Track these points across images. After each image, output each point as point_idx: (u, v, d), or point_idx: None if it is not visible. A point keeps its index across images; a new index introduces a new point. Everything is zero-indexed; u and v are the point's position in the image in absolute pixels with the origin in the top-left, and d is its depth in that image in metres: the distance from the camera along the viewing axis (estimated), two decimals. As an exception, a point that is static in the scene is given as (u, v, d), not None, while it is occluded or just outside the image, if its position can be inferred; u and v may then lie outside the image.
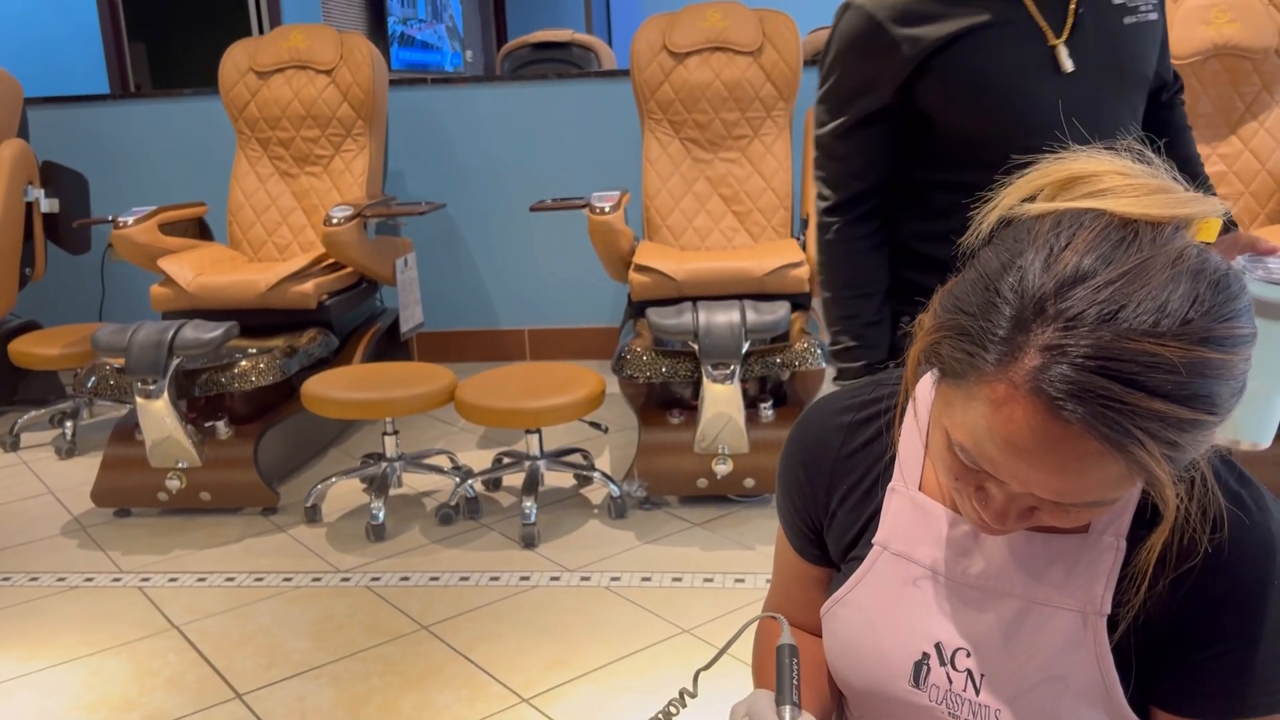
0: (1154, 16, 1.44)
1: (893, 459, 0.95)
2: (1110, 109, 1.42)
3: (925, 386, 0.93)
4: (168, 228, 3.73)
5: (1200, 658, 0.81)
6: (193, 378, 3.18)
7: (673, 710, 1.09)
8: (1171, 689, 0.83)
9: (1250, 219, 3.45)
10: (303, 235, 3.94)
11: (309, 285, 3.51)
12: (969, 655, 0.88)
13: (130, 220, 3.58)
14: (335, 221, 3.47)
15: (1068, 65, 1.37)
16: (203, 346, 3.05)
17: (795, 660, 0.92)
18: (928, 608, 0.91)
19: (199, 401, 3.31)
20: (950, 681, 0.89)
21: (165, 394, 3.00)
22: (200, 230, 4.04)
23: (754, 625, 0.98)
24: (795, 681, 0.90)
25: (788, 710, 0.89)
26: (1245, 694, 0.81)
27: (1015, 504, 0.77)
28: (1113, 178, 0.73)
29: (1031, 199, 0.76)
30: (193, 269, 3.57)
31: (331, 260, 3.69)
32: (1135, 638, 0.84)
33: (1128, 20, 1.41)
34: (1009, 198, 0.76)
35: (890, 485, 0.94)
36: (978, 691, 0.88)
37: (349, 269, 3.72)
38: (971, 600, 0.89)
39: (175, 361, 3.03)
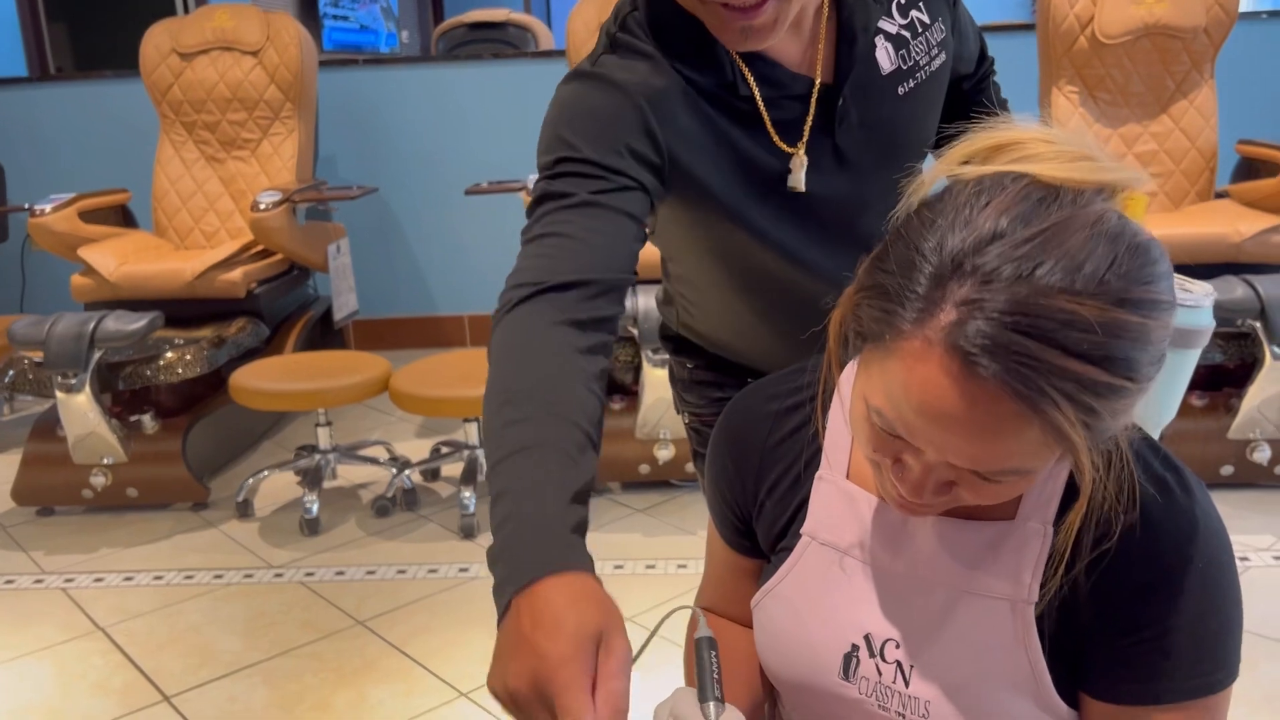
0: (939, 63, 1.14)
1: (820, 448, 0.93)
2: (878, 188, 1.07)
3: (850, 373, 0.90)
4: (88, 215, 3.60)
5: (1128, 642, 0.80)
6: (116, 370, 3.07)
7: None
8: (1100, 675, 0.82)
9: (1180, 197, 3.49)
10: (230, 222, 3.83)
11: (237, 273, 3.41)
12: (898, 646, 0.86)
13: (48, 208, 3.44)
14: (263, 207, 3.38)
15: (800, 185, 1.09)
16: (125, 338, 2.94)
17: (714, 653, 0.89)
18: (856, 598, 0.89)
19: (124, 395, 3.21)
20: (880, 673, 0.87)
21: (87, 388, 2.90)
22: (123, 218, 3.90)
23: (674, 618, 0.95)
24: (716, 675, 0.88)
25: (711, 707, 0.86)
26: (1174, 677, 0.80)
27: (932, 475, 0.75)
28: (1037, 144, 0.73)
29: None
30: (115, 258, 3.45)
31: (261, 247, 3.59)
32: (1061, 624, 0.82)
33: (903, 89, 1.12)
34: (938, 168, 0.75)
35: (818, 474, 0.92)
36: (907, 683, 0.86)
37: (279, 256, 3.63)
38: (900, 590, 0.87)
39: (97, 354, 2.93)
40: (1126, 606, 0.80)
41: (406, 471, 3.08)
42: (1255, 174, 3.38)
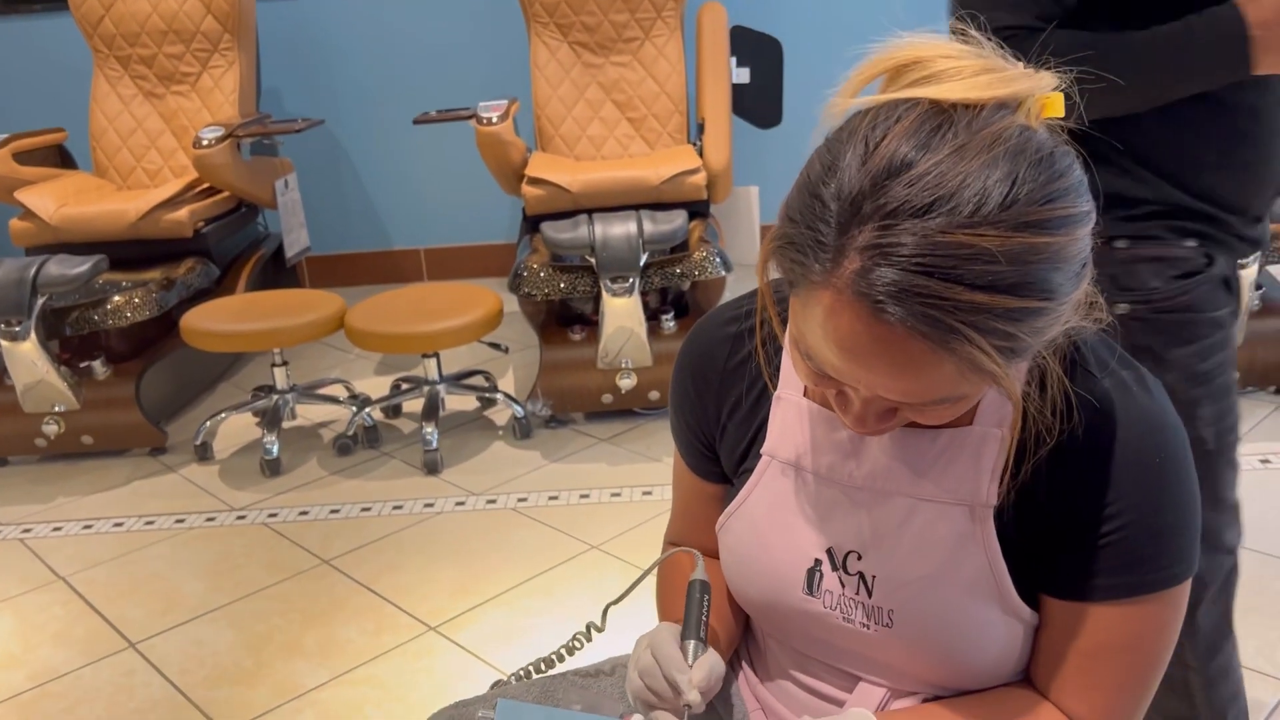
0: None
1: (778, 368, 0.92)
2: None
3: None
4: (23, 157, 3.48)
5: (1087, 539, 0.81)
6: (62, 316, 2.99)
7: (577, 644, 1.06)
8: (1060, 573, 0.83)
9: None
10: (174, 159, 3.72)
11: (183, 212, 3.32)
12: (860, 558, 0.87)
13: (-20, 150, 3.32)
14: (206, 143, 3.27)
15: None
16: (69, 283, 2.86)
17: (707, 597, 0.90)
18: (817, 514, 0.89)
19: (72, 341, 3.13)
20: (843, 586, 0.87)
21: (33, 335, 2.83)
22: (61, 158, 3.78)
23: (639, 554, 0.95)
24: (704, 618, 0.88)
25: (691, 644, 0.86)
26: (1135, 571, 0.80)
27: (871, 407, 0.76)
28: (940, 62, 0.70)
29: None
30: (55, 200, 3.34)
31: (206, 185, 3.49)
32: (1020, 526, 0.83)
33: None
34: (841, 95, 0.73)
35: (776, 393, 0.91)
36: (870, 594, 0.86)
37: (225, 194, 3.53)
38: (860, 502, 0.87)
39: (40, 300, 2.85)
40: (1085, 504, 0.80)
41: (367, 409, 3.05)
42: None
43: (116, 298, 3.03)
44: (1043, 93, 0.70)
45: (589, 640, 1.06)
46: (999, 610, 0.83)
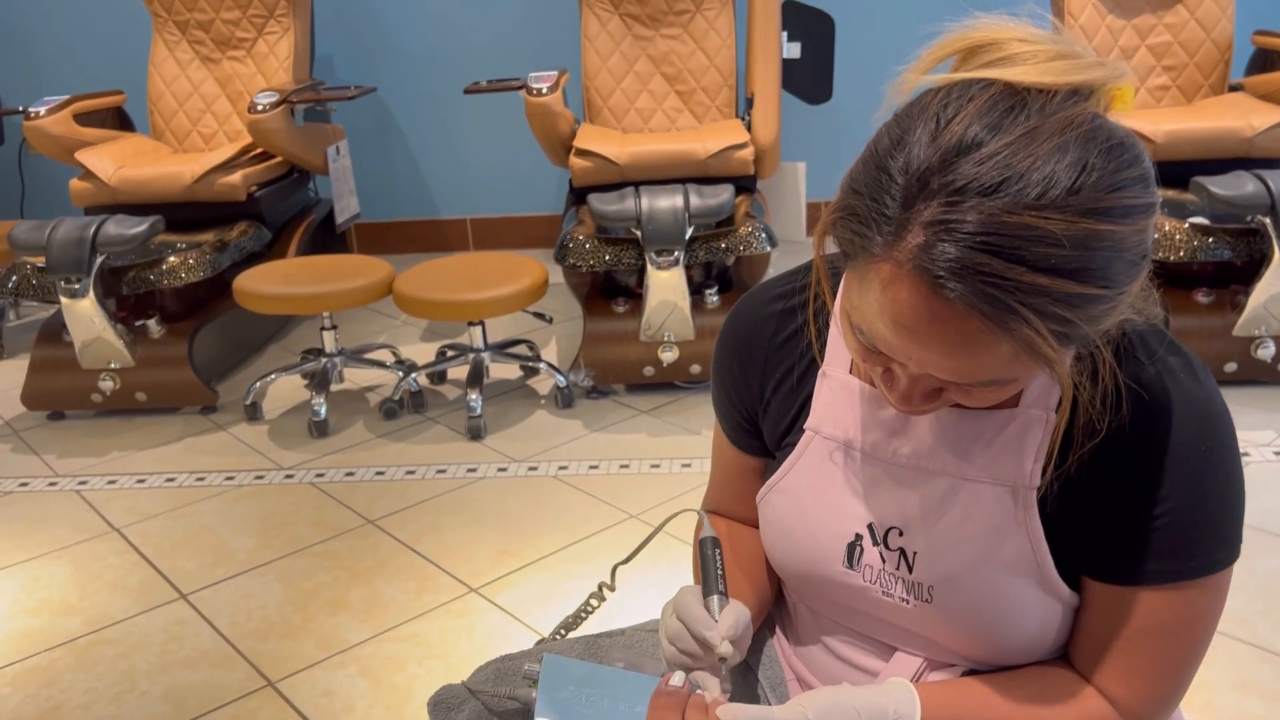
0: None
1: (824, 344, 0.93)
2: None
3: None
4: (84, 118, 3.55)
5: (1131, 524, 0.81)
6: (119, 275, 3.07)
7: (592, 605, 1.09)
8: (1102, 556, 0.83)
9: (1193, 90, 3.42)
10: (229, 124, 3.78)
11: (237, 176, 3.37)
12: (901, 534, 0.88)
13: (42, 110, 3.39)
14: (261, 108, 3.32)
15: None
16: (127, 243, 2.93)
17: (718, 551, 0.91)
18: (859, 489, 0.90)
19: (128, 300, 3.21)
20: (884, 561, 0.89)
21: (91, 293, 2.90)
22: (120, 121, 3.85)
23: (673, 521, 0.98)
24: (720, 571, 0.90)
25: (715, 600, 0.88)
26: (1177, 557, 0.81)
27: (918, 385, 0.76)
28: (1013, 44, 0.70)
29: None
30: (114, 161, 3.41)
31: (260, 150, 3.54)
32: (1063, 508, 0.83)
33: None
34: (913, 71, 0.73)
35: (821, 370, 0.93)
36: (910, 570, 0.87)
37: (278, 159, 3.58)
38: (903, 480, 0.88)
39: (99, 259, 2.92)
40: (1130, 488, 0.81)
41: (413, 374, 3.09)
42: (1271, 66, 3.30)
43: (172, 258, 3.10)
44: (1116, 82, 0.70)
45: (603, 600, 1.08)
46: (1038, 590, 0.84)
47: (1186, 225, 2.81)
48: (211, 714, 1.86)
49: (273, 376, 3.14)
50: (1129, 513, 0.81)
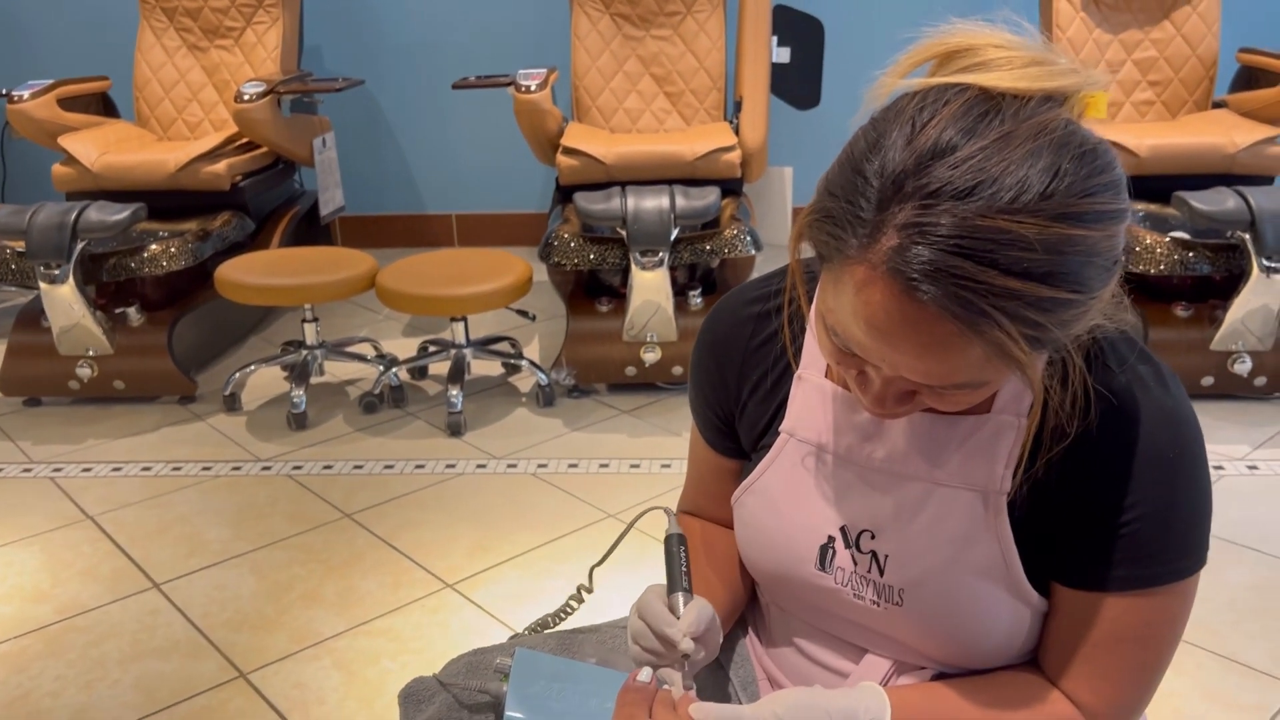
0: None
1: (800, 348, 0.93)
2: None
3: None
4: (68, 103, 3.53)
5: (1099, 530, 0.82)
6: (100, 262, 3.04)
7: (571, 606, 1.09)
8: (1071, 562, 0.84)
9: (1177, 106, 3.45)
10: (215, 113, 3.76)
11: (221, 165, 3.35)
12: (873, 538, 0.88)
13: (26, 94, 3.37)
14: (247, 98, 3.31)
15: None
16: (108, 229, 2.91)
17: (683, 549, 0.92)
18: (833, 492, 0.91)
19: (108, 287, 3.18)
20: (855, 564, 0.89)
21: (70, 279, 2.88)
22: (104, 107, 3.82)
23: (650, 520, 0.98)
24: (684, 569, 0.90)
25: (679, 597, 0.88)
26: (1145, 563, 0.82)
27: (891, 388, 0.76)
28: (989, 50, 0.71)
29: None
30: (97, 147, 3.39)
31: (245, 140, 3.53)
32: (1033, 514, 0.84)
33: None
34: (890, 75, 0.73)
35: (797, 374, 0.93)
36: (882, 573, 0.88)
37: (264, 149, 3.57)
38: (876, 484, 0.89)
39: (80, 245, 2.90)
40: (1098, 495, 0.81)
41: (394, 369, 3.08)
42: (1255, 83, 3.33)
43: (153, 246, 3.08)
44: (1089, 89, 0.71)
45: (581, 602, 1.08)
46: (1008, 594, 0.85)
47: (1167, 239, 2.84)
48: (182, 704, 1.85)
49: (252, 368, 3.13)
50: (1097, 519, 0.82)
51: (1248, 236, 2.68)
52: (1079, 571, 0.84)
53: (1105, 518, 0.81)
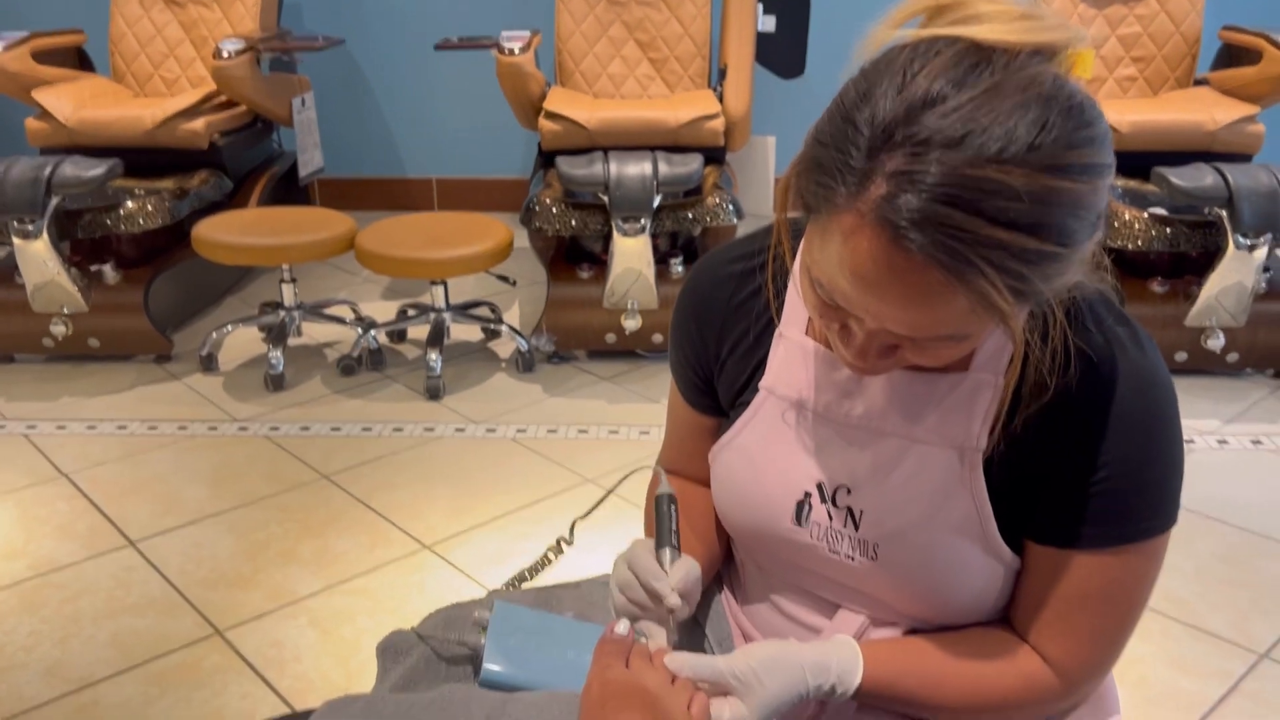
0: None
1: (782, 305, 0.94)
2: None
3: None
4: (42, 57, 3.46)
5: (1072, 488, 0.83)
6: (75, 218, 3.01)
7: (550, 557, 1.09)
8: (1044, 520, 0.85)
9: (1160, 83, 3.46)
10: (192, 69, 3.70)
11: (199, 123, 3.31)
12: (849, 493, 0.89)
13: (0, 46, 3.31)
14: (226, 55, 3.26)
15: None
16: (83, 185, 2.87)
17: (674, 508, 0.92)
18: (810, 448, 0.91)
19: (83, 244, 3.15)
20: (831, 519, 0.90)
21: (45, 235, 2.84)
22: (80, 61, 3.76)
23: (633, 478, 0.98)
24: (674, 527, 0.91)
25: (667, 553, 0.89)
26: (1118, 523, 0.83)
27: (874, 341, 0.77)
28: (981, 4, 0.71)
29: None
30: (72, 102, 3.33)
31: (224, 98, 3.48)
32: (1008, 472, 0.85)
33: None
34: (882, 28, 0.74)
35: (777, 331, 0.93)
36: (857, 528, 0.89)
37: (242, 108, 3.52)
38: (854, 440, 0.89)
39: (54, 201, 2.86)
40: (1072, 453, 0.83)
41: (372, 332, 3.07)
42: (1237, 62, 3.34)
43: (129, 204, 3.04)
44: (1078, 46, 0.72)
45: (560, 554, 1.09)
46: (981, 551, 0.86)
47: (1146, 215, 2.86)
48: (157, 660, 1.85)
49: (229, 328, 3.11)
50: (1070, 477, 0.83)
51: (1225, 213, 2.70)
52: (1051, 529, 0.85)
53: (1078, 476, 0.83)
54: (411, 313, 3.18)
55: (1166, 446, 0.83)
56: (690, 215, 2.98)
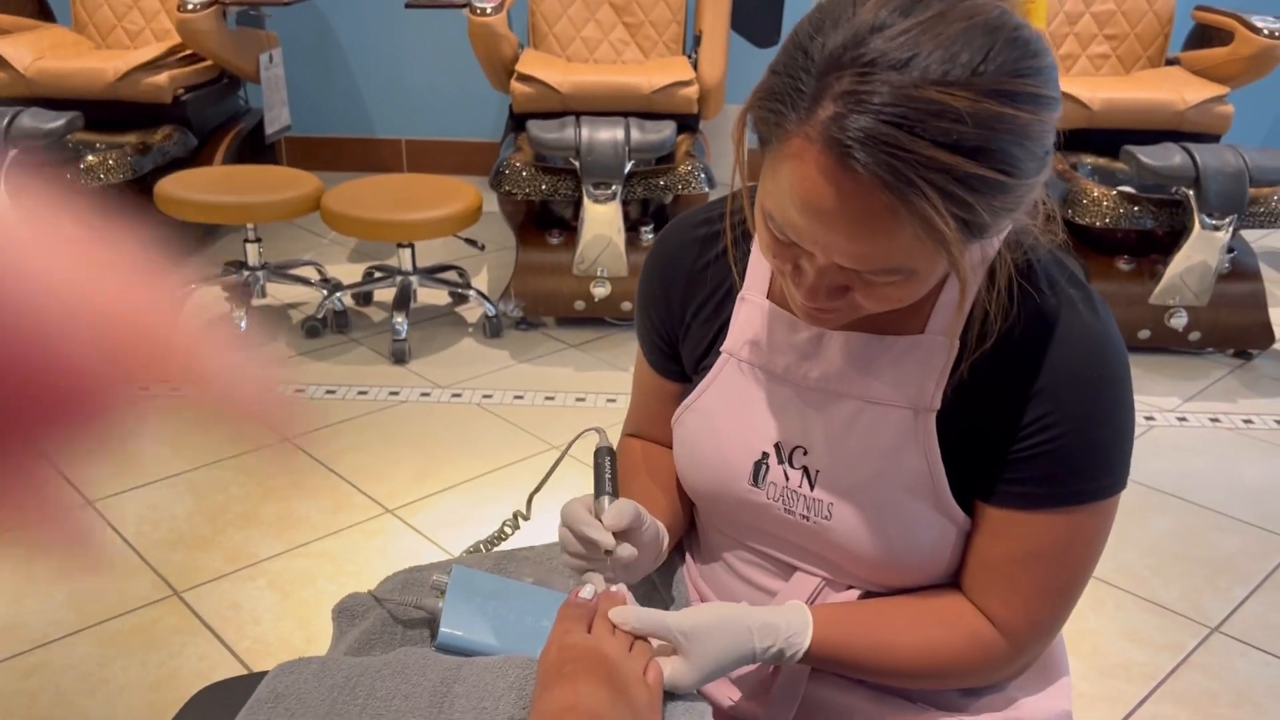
0: None
1: (745, 270, 0.93)
2: None
3: None
4: (0, 5, 3.37)
5: (1025, 448, 0.84)
6: (33, 172, 2.94)
7: (506, 531, 1.09)
8: (995, 481, 0.86)
9: (1131, 61, 3.47)
10: (156, 22, 3.62)
11: (163, 77, 3.24)
12: (805, 454, 0.90)
13: (-45, -8, 3.22)
14: (191, 7, 3.19)
15: None
16: (43, 137, 2.81)
17: (609, 459, 0.93)
18: (770, 410, 0.92)
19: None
20: (787, 479, 0.90)
21: (2, 187, 2.77)
22: (39, 9, 3.67)
23: (583, 448, 0.98)
24: (610, 476, 0.91)
25: (605, 501, 0.88)
26: (1066, 482, 0.84)
27: (824, 279, 0.77)
28: None
29: None
30: (31, 52, 3.25)
31: (189, 51, 3.41)
32: (961, 433, 0.86)
33: None
34: None
35: (740, 294, 0.93)
36: (812, 487, 0.89)
37: (208, 62, 3.45)
38: (812, 402, 0.90)
39: (12, 152, 2.79)
40: (1023, 412, 0.83)
41: (338, 293, 3.04)
42: (1209, 42, 3.36)
43: (90, 157, 2.98)
44: None
45: (517, 528, 1.09)
46: (933, 511, 0.86)
47: (1114, 192, 2.87)
48: (114, 620, 1.83)
49: (193, 287, 3.06)
50: (1020, 435, 0.83)
51: (1191, 193, 2.72)
52: (1001, 489, 0.85)
53: (1028, 434, 0.83)
54: (378, 275, 3.15)
55: (1116, 407, 0.83)
56: (662, 183, 2.96)
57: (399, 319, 2.86)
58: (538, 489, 1.05)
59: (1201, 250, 2.73)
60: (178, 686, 1.68)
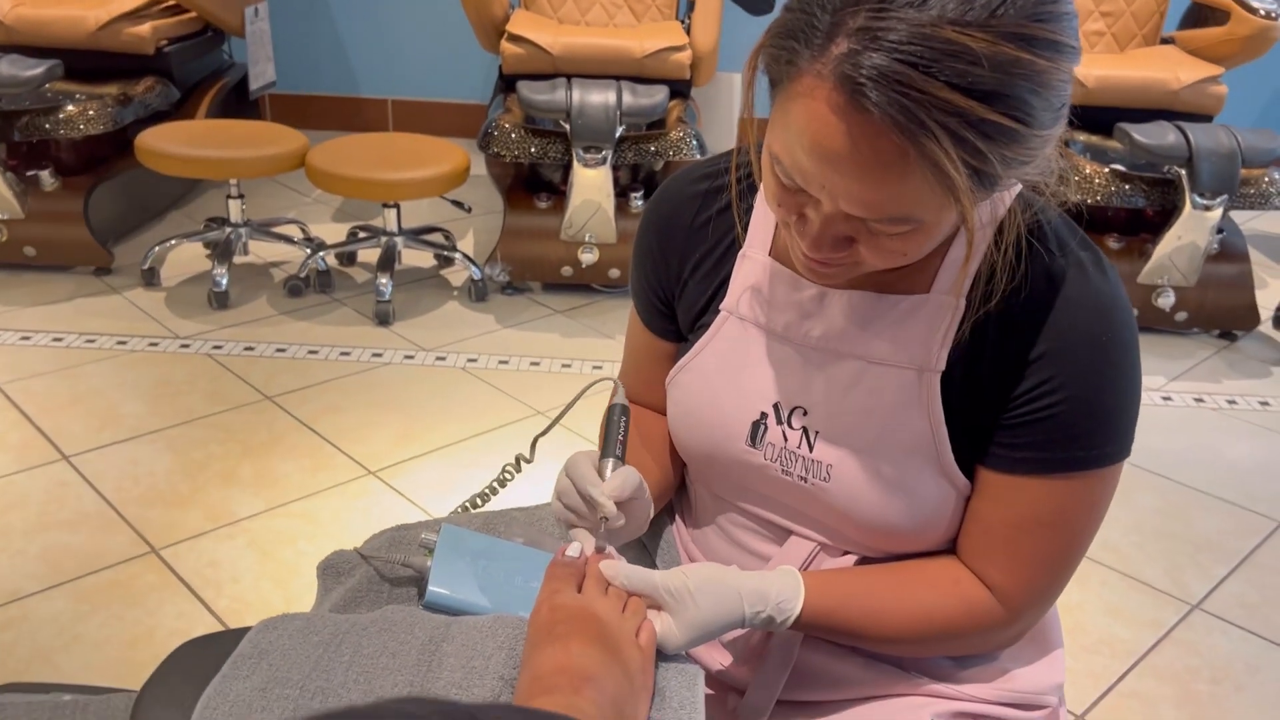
0: None
1: (747, 226, 0.91)
2: None
3: None
4: (-22, -53, 3.29)
5: (1028, 412, 0.82)
6: (11, 120, 2.88)
7: (508, 475, 1.07)
8: (997, 445, 0.84)
9: (1127, 39, 3.45)
10: (139, -29, 3.54)
11: (145, 27, 3.17)
12: (805, 414, 0.88)
13: (-69, -67, 3.13)
14: (175, -44, 3.12)
15: None
16: (21, 85, 2.75)
17: (625, 419, 0.90)
18: (769, 369, 0.90)
19: (20, 148, 3.02)
20: (785, 439, 0.88)
21: (-22, 135, 2.72)
22: (18, -45, 3.57)
23: (589, 391, 0.95)
24: (621, 438, 0.88)
25: (609, 463, 0.86)
26: (1069, 448, 0.82)
27: (830, 228, 0.75)
28: None
29: None
30: (9, -2, 3.17)
31: (172, 2, 3.34)
32: (965, 396, 0.84)
33: None
34: None
35: (741, 251, 0.91)
36: (811, 448, 0.87)
37: (192, 14, 3.38)
38: (813, 361, 0.88)
39: (-11, 100, 2.73)
40: (1028, 375, 0.81)
41: (321, 253, 2.99)
42: (1204, 21, 3.34)
43: (70, 107, 2.92)
44: None
45: (519, 471, 1.06)
46: (935, 473, 0.85)
47: (1107, 170, 2.86)
48: (89, 576, 1.80)
49: (173, 242, 3.01)
50: (1025, 400, 0.82)
51: (1184, 172, 2.71)
52: (1004, 453, 0.84)
53: (1033, 398, 0.81)
54: (362, 235, 3.11)
55: (1122, 372, 0.82)
56: (653, 149, 2.92)
57: (383, 280, 2.82)
58: (544, 432, 1.03)
59: (1191, 230, 2.73)
60: (155, 644, 1.66)
